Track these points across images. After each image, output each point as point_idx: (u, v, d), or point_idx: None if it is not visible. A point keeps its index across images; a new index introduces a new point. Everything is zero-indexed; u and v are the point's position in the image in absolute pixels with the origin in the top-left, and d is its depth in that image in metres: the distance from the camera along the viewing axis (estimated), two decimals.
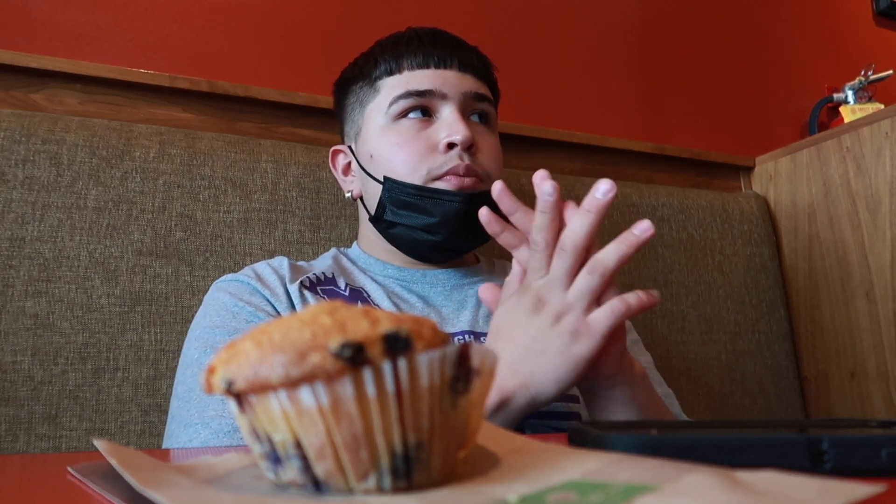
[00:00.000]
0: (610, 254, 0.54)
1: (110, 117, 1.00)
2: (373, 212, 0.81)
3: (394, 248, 0.83)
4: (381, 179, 0.79)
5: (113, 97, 1.01)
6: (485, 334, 0.78)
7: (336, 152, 0.89)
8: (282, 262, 0.79)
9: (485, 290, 0.63)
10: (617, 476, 0.26)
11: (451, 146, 0.76)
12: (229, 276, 0.78)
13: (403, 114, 0.78)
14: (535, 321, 0.55)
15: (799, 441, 0.31)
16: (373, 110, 0.81)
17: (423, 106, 0.78)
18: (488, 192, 0.72)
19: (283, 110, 1.11)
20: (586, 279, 0.54)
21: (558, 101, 1.38)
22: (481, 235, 0.79)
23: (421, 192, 0.76)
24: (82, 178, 0.89)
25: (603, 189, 0.54)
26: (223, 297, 0.74)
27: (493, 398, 0.53)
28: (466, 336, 0.76)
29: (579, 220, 0.55)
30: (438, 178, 0.76)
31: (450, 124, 0.76)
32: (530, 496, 0.24)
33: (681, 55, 1.54)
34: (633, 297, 0.54)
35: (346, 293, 0.78)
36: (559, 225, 0.56)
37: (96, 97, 1.01)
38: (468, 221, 0.75)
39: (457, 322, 0.78)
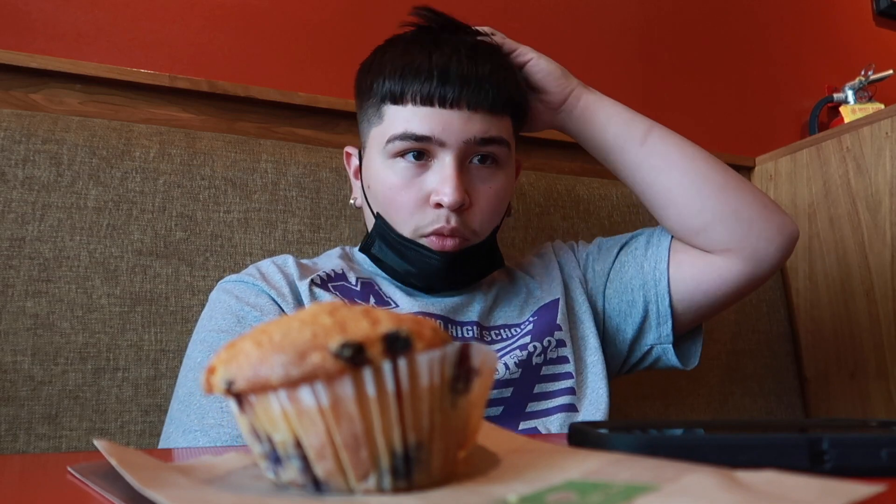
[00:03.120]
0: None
1: (110, 117, 1.00)
2: (363, 240, 0.82)
3: None
4: (375, 214, 0.78)
5: (113, 97, 1.01)
6: (493, 328, 0.79)
7: (349, 154, 0.86)
8: (286, 261, 0.78)
9: None
10: (617, 476, 0.26)
11: (440, 205, 0.72)
12: (234, 276, 0.77)
13: (401, 153, 0.73)
14: None
15: (799, 441, 0.31)
16: (375, 137, 0.76)
17: (420, 149, 0.72)
18: (473, 248, 0.76)
19: (283, 110, 1.11)
20: None
21: None
22: (466, 282, 0.79)
23: (405, 241, 0.75)
24: (82, 178, 0.89)
25: None
26: (229, 301, 0.73)
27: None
28: (474, 328, 0.77)
29: None
30: (424, 235, 0.74)
31: (441, 180, 0.71)
32: (530, 496, 0.24)
33: (681, 55, 1.54)
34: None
35: (358, 288, 0.78)
36: None
37: (96, 97, 1.01)
38: (448, 275, 0.76)
39: (467, 312, 0.78)
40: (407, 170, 0.73)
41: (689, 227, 0.80)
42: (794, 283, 1.37)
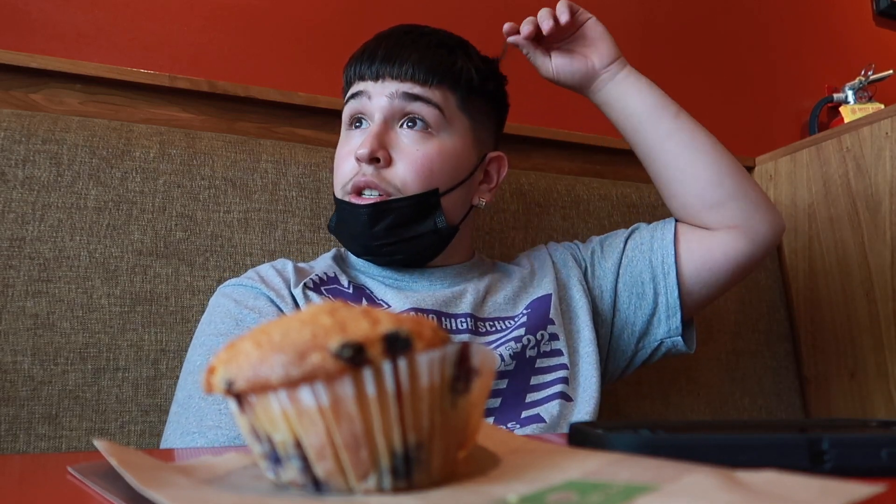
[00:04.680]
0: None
1: (110, 117, 1.00)
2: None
3: None
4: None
5: (113, 97, 1.01)
6: (487, 320, 0.79)
7: None
8: (286, 265, 0.80)
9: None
10: (617, 476, 0.26)
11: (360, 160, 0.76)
12: (233, 280, 0.78)
13: (351, 121, 0.80)
14: None
15: (799, 441, 0.31)
16: None
17: (363, 112, 0.79)
18: (398, 205, 0.76)
19: (283, 110, 1.11)
20: None
21: (558, 101, 1.38)
22: (409, 252, 0.79)
23: (339, 202, 0.79)
24: (82, 178, 0.89)
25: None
26: (228, 304, 0.74)
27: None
28: (468, 320, 0.77)
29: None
30: (348, 193, 0.78)
31: (364, 138, 0.76)
32: (530, 496, 0.24)
33: (680, 55, 1.54)
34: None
35: (350, 290, 0.79)
36: None
37: (96, 97, 1.01)
38: (375, 231, 0.76)
39: (460, 304, 0.79)
40: (350, 136, 0.80)
41: (708, 200, 0.84)
42: (794, 283, 1.37)
